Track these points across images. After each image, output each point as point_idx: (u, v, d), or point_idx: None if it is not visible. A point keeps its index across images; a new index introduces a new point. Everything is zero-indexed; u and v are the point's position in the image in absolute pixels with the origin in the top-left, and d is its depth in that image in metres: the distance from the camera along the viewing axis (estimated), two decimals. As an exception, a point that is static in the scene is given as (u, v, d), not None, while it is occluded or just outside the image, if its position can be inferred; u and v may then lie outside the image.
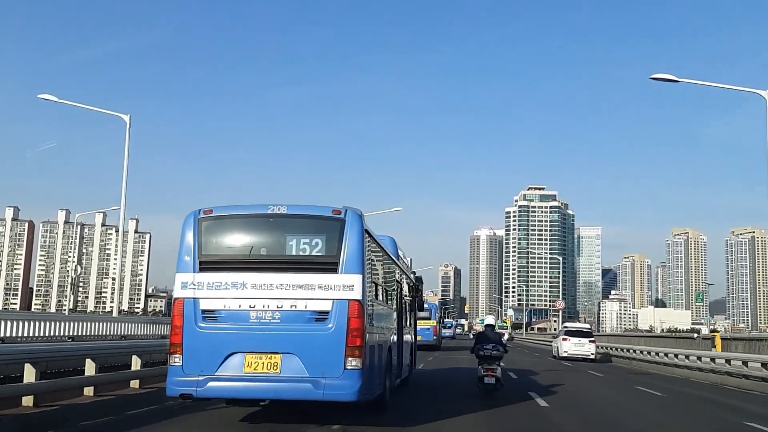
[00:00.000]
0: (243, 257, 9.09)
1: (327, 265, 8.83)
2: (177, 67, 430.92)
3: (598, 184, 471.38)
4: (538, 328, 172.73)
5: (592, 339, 33.33)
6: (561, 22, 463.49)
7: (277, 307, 8.73)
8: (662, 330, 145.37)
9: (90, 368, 12.05)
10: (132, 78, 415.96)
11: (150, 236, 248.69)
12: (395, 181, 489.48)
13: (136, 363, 13.61)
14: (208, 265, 9.00)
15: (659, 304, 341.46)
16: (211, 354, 8.66)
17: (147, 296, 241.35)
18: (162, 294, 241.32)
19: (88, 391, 11.91)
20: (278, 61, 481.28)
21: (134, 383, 13.44)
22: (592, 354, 32.24)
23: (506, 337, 55.58)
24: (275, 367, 8.57)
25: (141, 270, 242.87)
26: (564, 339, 33.28)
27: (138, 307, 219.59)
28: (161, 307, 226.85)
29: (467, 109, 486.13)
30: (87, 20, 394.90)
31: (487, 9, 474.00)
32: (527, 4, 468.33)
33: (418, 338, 39.83)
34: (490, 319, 16.49)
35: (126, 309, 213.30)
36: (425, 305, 47.60)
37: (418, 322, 41.94)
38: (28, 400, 10.36)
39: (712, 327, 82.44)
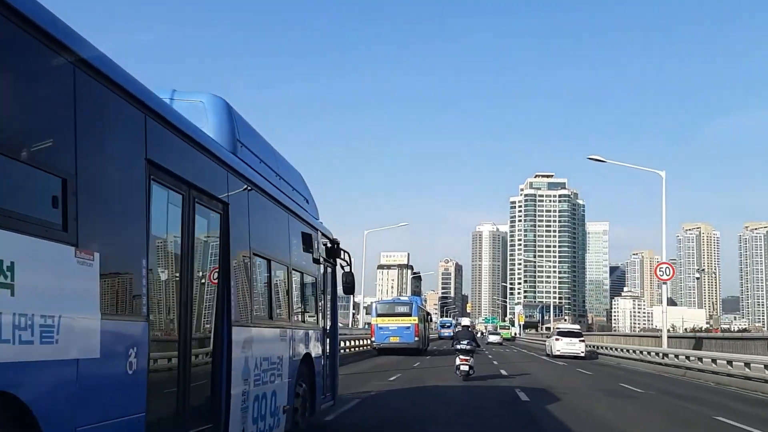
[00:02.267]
0: None
1: None
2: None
3: (604, 181, 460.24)
4: (546, 328, 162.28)
5: (582, 339, 36.18)
6: (569, 20, 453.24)
7: None
8: (685, 330, 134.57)
9: None
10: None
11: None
12: (395, 175, 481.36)
13: None
14: None
15: (669, 302, 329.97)
16: None
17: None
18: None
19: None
20: (276, 58, 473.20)
21: None
22: (582, 352, 34.85)
23: (494, 339, 65.66)
24: None
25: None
26: (557, 339, 35.85)
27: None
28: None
29: (468, 105, 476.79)
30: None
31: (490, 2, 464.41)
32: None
33: (394, 339, 32.47)
34: (465, 321, 21.63)
35: None
36: (410, 299, 38.02)
37: (393, 319, 32.96)
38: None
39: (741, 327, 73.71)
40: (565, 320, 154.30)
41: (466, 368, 17.16)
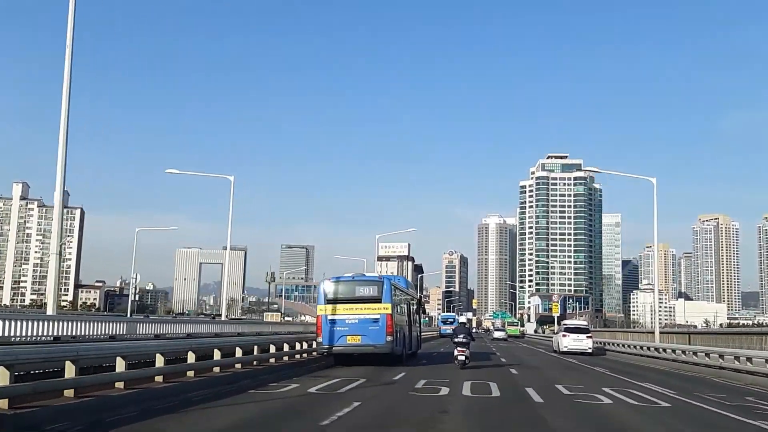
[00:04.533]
0: None
1: None
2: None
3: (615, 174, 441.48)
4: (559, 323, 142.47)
5: (589, 335, 36.43)
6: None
7: None
8: (720, 326, 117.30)
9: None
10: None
11: (81, 212, 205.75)
12: (397, 169, 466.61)
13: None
14: None
15: (684, 297, 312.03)
16: None
17: (77, 286, 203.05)
18: (97, 285, 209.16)
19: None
20: (278, 47, 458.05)
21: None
22: (589, 348, 35.21)
23: (499, 335, 69.97)
24: None
25: (69, 254, 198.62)
26: (564, 335, 36.42)
27: (65, 300, 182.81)
28: (95, 299, 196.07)
29: (469, 98, 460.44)
30: None
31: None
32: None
33: (354, 340, 21.73)
34: (462, 319, 28.75)
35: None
36: (381, 277, 23.80)
37: (352, 307, 21.82)
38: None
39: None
40: (580, 317, 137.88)
41: (463, 358, 21.04)
